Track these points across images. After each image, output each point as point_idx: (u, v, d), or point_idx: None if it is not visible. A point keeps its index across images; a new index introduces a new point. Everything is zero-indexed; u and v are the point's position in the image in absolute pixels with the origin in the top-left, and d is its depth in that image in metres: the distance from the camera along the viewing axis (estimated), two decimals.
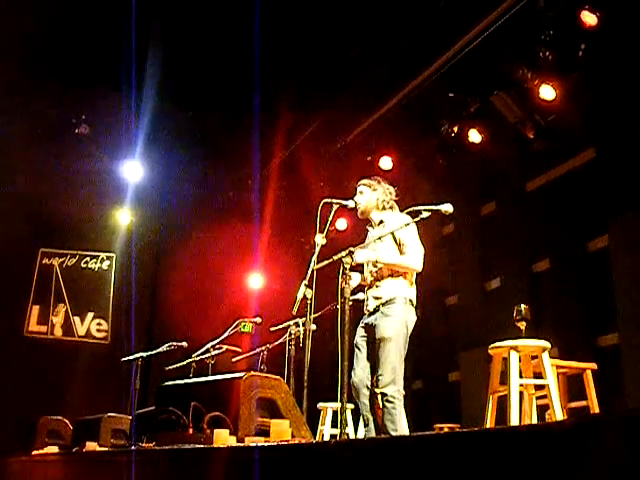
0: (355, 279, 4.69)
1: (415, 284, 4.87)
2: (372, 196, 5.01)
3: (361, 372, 4.75)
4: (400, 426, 4.53)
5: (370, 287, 4.89)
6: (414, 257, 4.75)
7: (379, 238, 4.67)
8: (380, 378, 4.59)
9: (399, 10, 7.37)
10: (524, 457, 2.05)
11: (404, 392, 4.61)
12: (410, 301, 4.78)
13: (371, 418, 4.73)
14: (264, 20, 7.13)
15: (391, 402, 4.53)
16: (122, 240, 11.03)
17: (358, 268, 4.83)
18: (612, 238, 6.72)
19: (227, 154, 10.34)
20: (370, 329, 4.79)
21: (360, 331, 4.85)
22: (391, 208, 5.02)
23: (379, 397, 4.60)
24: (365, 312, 4.89)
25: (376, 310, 4.78)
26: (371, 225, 5.06)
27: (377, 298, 4.79)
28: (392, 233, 4.71)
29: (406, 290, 4.78)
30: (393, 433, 4.44)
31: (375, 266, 4.86)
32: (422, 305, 7.84)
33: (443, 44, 7.50)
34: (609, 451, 1.81)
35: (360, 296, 4.92)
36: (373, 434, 4.67)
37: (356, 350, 4.80)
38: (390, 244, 4.79)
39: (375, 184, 5.04)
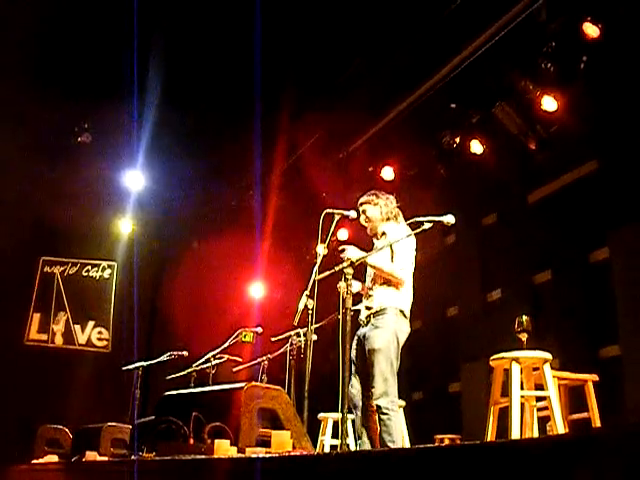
0: (355, 286, 4.70)
1: (410, 296, 4.86)
2: (375, 211, 5.03)
3: (357, 385, 4.76)
4: (397, 437, 4.52)
5: (364, 297, 4.90)
6: (398, 267, 4.76)
7: (380, 249, 4.69)
8: (372, 390, 4.59)
9: (401, 20, 7.39)
10: (525, 470, 2.05)
11: (403, 403, 4.60)
12: (402, 312, 4.76)
13: (364, 431, 4.72)
14: (266, 29, 7.15)
15: (386, 414, 4.52)
16: (123, 249, 11.05)
17: (360, 277, 4.85)
18: (613, 250, 6.72)
19: (229, 163, 10.35)
20: (362, 341, 4.79)
21: (354, 344, 4.84)
22: (395, 217, 5.03)
23: (375, 409, 4.59)
24: (359, 323, 4.89)
25: (367, 321, 4.79)
26: (376, 236, 5.07)
27: (368, 308, 4.81)
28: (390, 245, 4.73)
29: (397, 301, 4.77)
30: (391, 445, 4.43)
31: (370, 275, 4.87)
32: (423, 316, 7.94)
33: (445, 55, 7.51)
34: (610, 464, 1.80)
35: (360, 307, 4.92)
36: (366, 447, 4.65)
37: (353, 363, 4.79)
38: (387, 254, 4.80)
39: (374, 198, 5.05)
